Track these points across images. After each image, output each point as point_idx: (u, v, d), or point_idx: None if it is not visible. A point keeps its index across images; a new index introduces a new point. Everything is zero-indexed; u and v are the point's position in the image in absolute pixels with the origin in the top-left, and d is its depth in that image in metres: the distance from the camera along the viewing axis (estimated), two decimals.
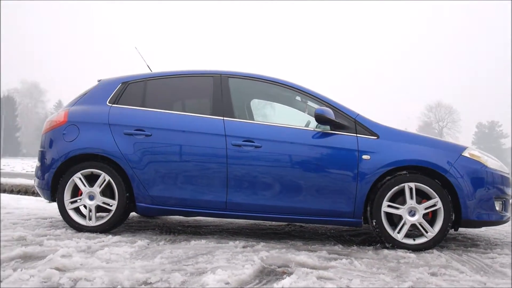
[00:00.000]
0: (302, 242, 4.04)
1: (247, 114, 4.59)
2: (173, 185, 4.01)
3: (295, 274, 2.82)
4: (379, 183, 3.82)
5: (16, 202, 6.46)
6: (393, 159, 3.82)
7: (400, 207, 3.77)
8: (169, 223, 5.07)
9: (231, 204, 3.96)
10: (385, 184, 3.79)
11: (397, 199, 3.82)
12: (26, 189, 8.97)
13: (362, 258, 3.39)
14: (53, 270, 2.59)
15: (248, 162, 3.94)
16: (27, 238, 3.67)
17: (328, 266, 3.07)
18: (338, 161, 3.87)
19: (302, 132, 4.01)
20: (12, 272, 2.59)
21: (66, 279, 2.51)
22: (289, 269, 2.98)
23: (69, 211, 4.10)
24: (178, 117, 4.15)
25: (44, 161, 4.26)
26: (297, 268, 2.96)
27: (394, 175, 3.80)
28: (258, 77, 4.32)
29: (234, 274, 2.72)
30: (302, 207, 3.91)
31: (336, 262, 3.20)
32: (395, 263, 3.28)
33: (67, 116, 4.27)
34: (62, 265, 2.77)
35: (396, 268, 3.12)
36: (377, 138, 3.92)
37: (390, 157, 3.82)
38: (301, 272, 2.85)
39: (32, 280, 2.46)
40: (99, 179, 4.07)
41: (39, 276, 2.52)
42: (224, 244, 3.75)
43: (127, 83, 4.37)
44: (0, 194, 7.59)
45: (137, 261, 3.03)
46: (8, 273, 2.56)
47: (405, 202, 3.77)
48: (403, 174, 3.80)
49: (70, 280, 2.51)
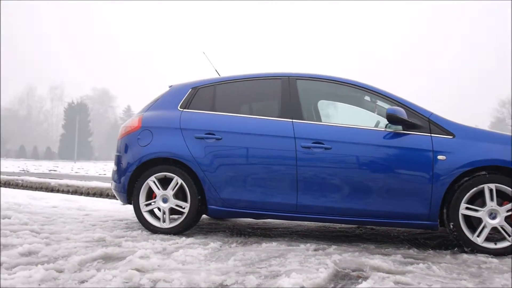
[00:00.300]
0: (375, 245, 3.96)
1: (315, 116, 4.56)
2: (243, 187, 4.05)
3: (371, 278, 2.76)
4: (456, 184, 3.67)
5: (94, 204, 6.76)
6: (471, 159, 3.65)
7: (480, 209, 3.60)
8: (239, 225, 5.12)
9: (301, 207, 3.94)
10: (463, 185, 3.63)
11: (476, 201, 3.65)
12: (101, 192, 9.37)
13: (440, 262, 3.27)
14: (133, 271, 2.68)
15: (318, 164, 3.91)
16: (106, 239, 3.82)
17: (404, 270, 2.98)
18: (411, 162, 3.76)
19: (373, 132, 3.93)
20: (96, 272, 2.70)
21: (146, 280, 2.59)
22: (364, 273, 2.92)
23: (144, 213, 4.24)
24: (247, 120, 4.19)
25: (120, 165, 4.43)
26: (372, 273, 2.90)
27: (472, 176, 3.63)
28: (326, 77, 4.28)
29: (309, 278, 2.70)
30: (374, 209, 3.83)
31: (412, 266, 3.10)
32: (476, 268, 3.13)
33: (141, 121, 4.42)
34: (141, 266, 2.86)
35: (478, 273, 2.98)
36: (453, 137, 3.76)
37: (467, 157, 3.66)
38: (377, 277, 2.79)
39: (115, 280, 2.56)
40: (172, 182, 4.17)
41: (120, 277, 2.61)
42: (295, 247, 3.73)
43: (197, 88, 4.46)
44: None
45: (211, 263, 3.08)
46: (92, 273, 2.67)
47: (485, 204, 3.59)
48: (482, 174, 3.63)
49: (150, 281, 2.59)
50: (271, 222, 5.36)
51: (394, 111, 3.78)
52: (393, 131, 3.88)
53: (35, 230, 4.09)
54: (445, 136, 3.78)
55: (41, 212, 5.48)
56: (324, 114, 4.73)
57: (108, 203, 7.31)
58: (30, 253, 3.19)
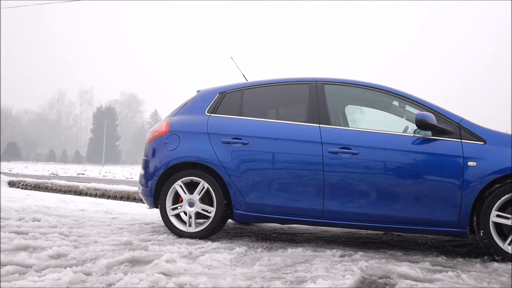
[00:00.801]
0: (402, 252, 3.91)
1: (342, 121, 4.53)
2: (269, 192, 4.05)
3: (398, 286, 2.72)
4: (486, 191, 3.60)
5: (121, 208, 6.86)
6: (503, 165, 3.58)
7: (511, 217, 3.52)
8: (264, 230, 5.12)
9: (327, 212, 3.93)
10: (494, 192, 3.56)
11: (507, 208, 3.57)
12: (128, 195, 9.51)
13: (470, 271, 3.21)
14: (160, 275, 2.71)
15: (345, 169, 3.89)
16: (133, 242, 3.87)
17: (433, 278, 2.93)
18: (441, 168, 3.70)
19: (401, 138, 3.89)
20: (123, 275, 2.73)
21: (172, 284, 2.61)
22: (391, 280, 2.88)
23: (170, 217, 4.28)
24: (274, 125, 4.19)
25: (148, 170, 4.48)
26: (400, 280, 2.86)
27: (504, 183, 3.56)
28: (354, 82, 4.26)
29: (335, 284, 2.68)
30: (401, 215, 3.78)
31: (441, 274, 3.04)
32: (508, 277, 3.06)
33: (168, 126, 4.47)
34: (167, 270, 2.88)
35: (509, 283, 2.91)
36: (484, 143, 3.70)
37: (499, 164, 3.59)
38: (405, 285, 2.75)
39: (142, 284, 2.59)
40: (199, 187, 4.20)
41: (147, 280, 2.64)
42: (321, 253, 3.72)
43: (224, 93, 4.49)
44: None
45: (237, 268, 3.08)
46: (120, 277, 2.71)
47: None
48: None
49: (176, 285, 2.61)
50: (297, 228, 5.34)
51: (423, 116, 3.74)
52: (422, 136, 3.83)
53: (64, 233, 4.17)
54: (475, 142, 3.72)
55: (69, 215, 5.58)
56: (352, 119, 4.70)
57: (135, 206, 7.41)
58: (59, 256, 3.25)
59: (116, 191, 9.89)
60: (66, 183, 11.47)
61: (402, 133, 3.99)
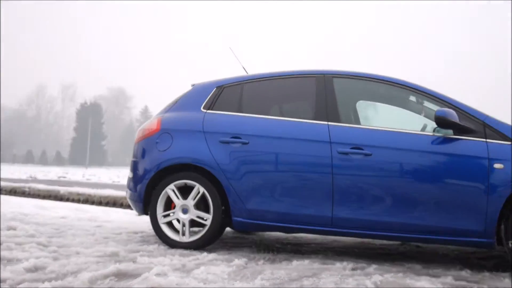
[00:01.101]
0: (421, 265, 3.88)
1: (353, 118, 4.51)
2: (272, 197, 4.03)
3: None
4: None
5: (106, 215, 6.84)
6: None
7: None
8: (267, 240, 5.11)
9: (337, 220, 3.90)
10: None
11: None
12: (114, 201, 9.50)
13: (497, 287, 3.19)
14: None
15: (357, 172, 3.86)
16: (119, 254, 3.85)
17: None
18: (464, 171, 3.68)
19: (419, 137, 3.86)
20: None
21: None
22: None
23: (161, 225, 4.25)
24: (277, 122, 4.17)
25: (137, 172, 4.46)
26: None
27: None
28: (366, 75, 4.23)
29: None
30: (420, 224, 3.76)
31: None
32: None
33: (160, 123, 4.45)
34: (157, 284, 2.87)
35: None
36: (511, 143, 3.67)
37: None
38: None
39: None
40: (193, 191, 4.18)
41: None
42: (330, 265, 3.69)
43: (222, 87, 4.47)
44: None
45: (236, 282, 3.06)
46: None
47: None
48: None
49: None
50: (303, 237, 5.32)
51: (444, 113, 3.71)
52: (442, 135, 3.81)
53: (42, 243, 4.15)
54: (502, 142, 3.69)
55: (49, 223, 5.56)
56: (364, 116, 4.68)
57: (122, 213, 7.39)
58: (36, 269, 3.23)
59: (101, 196, 9.87)
60: (45, 187, 11.44)
61: (420, 132, 3.97)
